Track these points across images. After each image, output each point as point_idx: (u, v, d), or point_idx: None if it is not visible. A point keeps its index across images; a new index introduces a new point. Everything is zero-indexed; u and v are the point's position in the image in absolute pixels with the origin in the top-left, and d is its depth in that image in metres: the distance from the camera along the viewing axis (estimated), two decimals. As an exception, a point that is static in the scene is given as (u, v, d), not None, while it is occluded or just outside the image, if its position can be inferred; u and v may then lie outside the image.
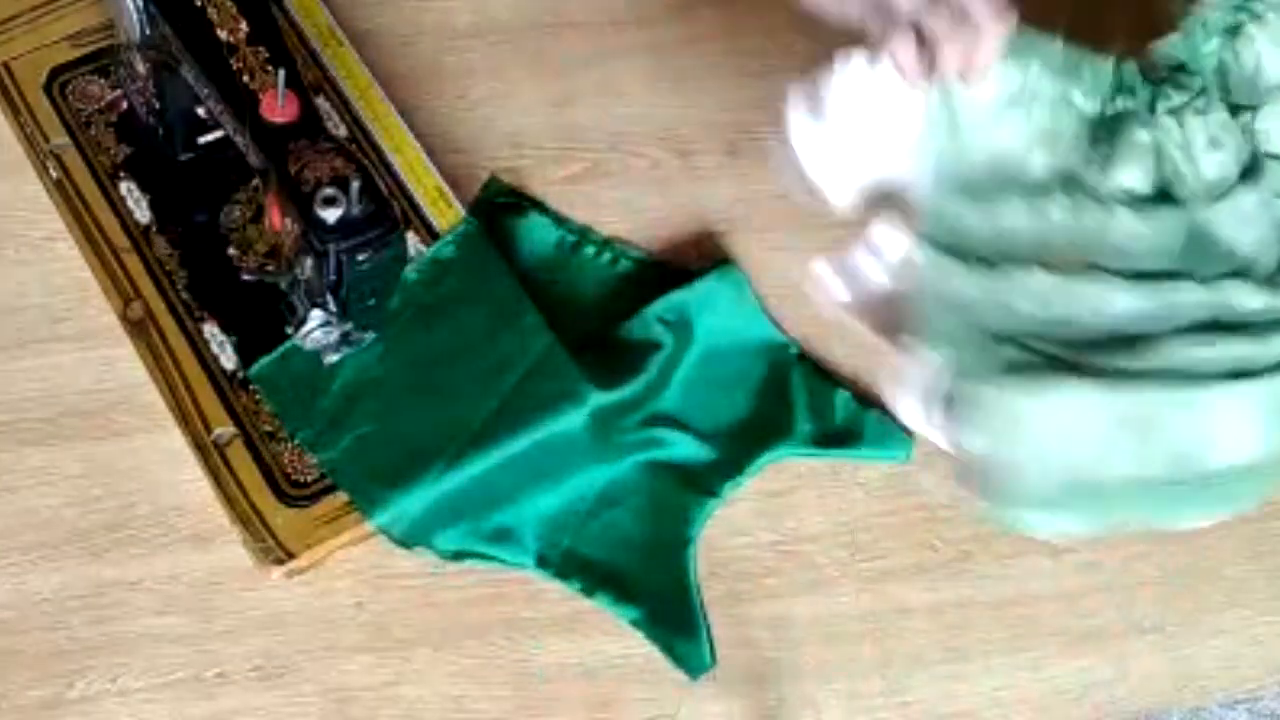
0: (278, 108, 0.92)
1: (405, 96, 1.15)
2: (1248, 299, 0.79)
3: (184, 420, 1.01)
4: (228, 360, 1.03)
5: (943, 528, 1.03)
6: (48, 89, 1.13)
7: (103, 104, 1.13)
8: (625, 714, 0.96)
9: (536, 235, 1.11)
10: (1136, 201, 0.81)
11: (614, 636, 0.98)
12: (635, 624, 0.98)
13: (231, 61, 0.94)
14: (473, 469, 0.99)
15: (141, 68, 1.05)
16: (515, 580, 0.99)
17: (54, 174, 1.10)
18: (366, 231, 0.89)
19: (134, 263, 1.06)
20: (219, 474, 0.99)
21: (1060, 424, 0.77)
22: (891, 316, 0.82)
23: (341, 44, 1.16)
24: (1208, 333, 0.78)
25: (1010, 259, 0.80)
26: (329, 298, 0.95)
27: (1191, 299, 0.78)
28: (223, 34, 0.95)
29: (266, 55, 0.94)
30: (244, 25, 0.95)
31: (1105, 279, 0.79)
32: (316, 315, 0.97)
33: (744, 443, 1.03)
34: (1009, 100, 0.81)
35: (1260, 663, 1.00)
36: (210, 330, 1.04)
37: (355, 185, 0.88)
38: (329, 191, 0.88)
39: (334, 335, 0.98)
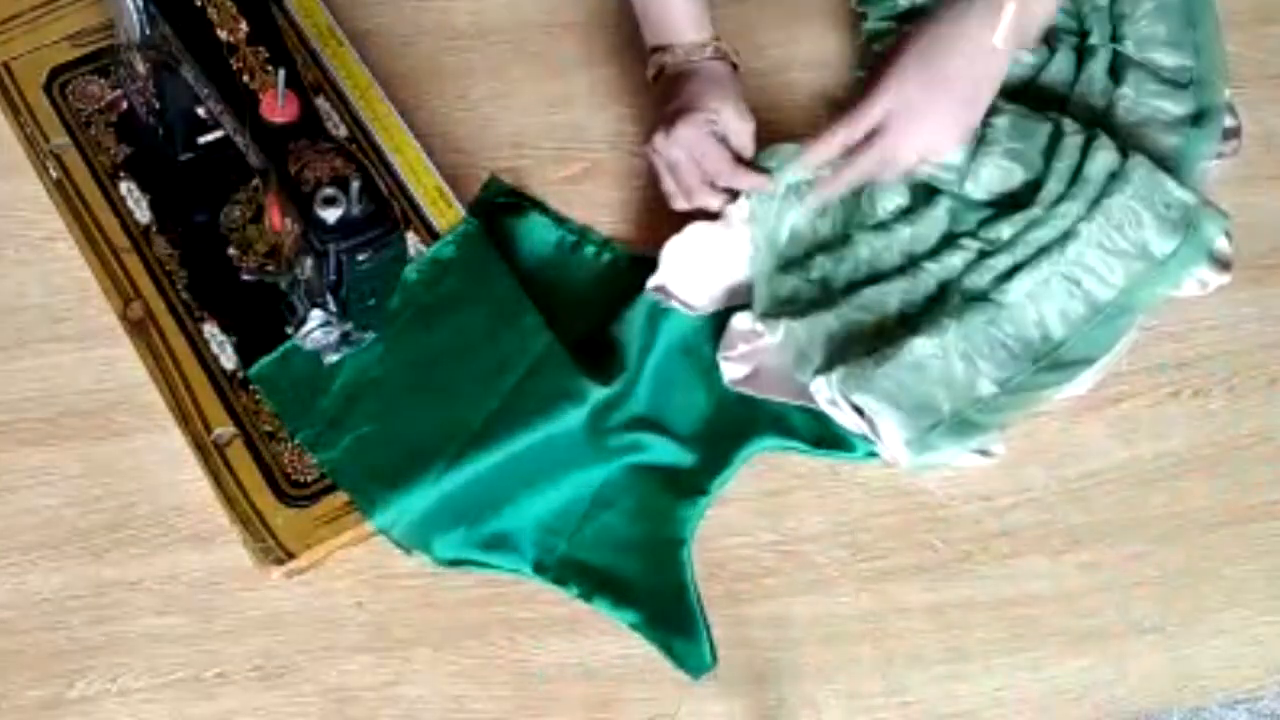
0: (278, 108, 0.92)
1: (405, 96, 1.15)
2: (998, 230, 1.06)
3: (184, 420, 1.01)
4: (228, 360, 1.03)
5: (943, 528, 1.03)
6: (48, 89, 1.13)
7: (103, 104, 1.13)
8: (625, 714, 0.96)
9: (536, 235, 1.11)
10: (905, 213, 1.09)
11: (614, 636, 0.98)
12: (635, 627, 0.98)
13: (231, 61, 0.94)
14: (473, 469, 0.99)
15: (141, 68, 1.05)
16: (515, 580, 0.99)
17: (54, 174, 1.10)
18: (366, 231, 0.89)
19: (134, 263, 1.06)
20: (219, 474, 0.99)
21: (925, 373, 1.01)
22: (780, 377, 1.04)
23: (341, 44, 1.16)
24: (983, 259, 1.05)
25: (830, 294, 1.06)
26: (329, 298, 0.95)
27: (970, 248, 1.06)
28: (223, 34, 0.95)
29: (266, 55, 0.94)
30: (244, 25, 0.95)
31: (909, 271, 1.06)
32: (316, 315, 0.97)
33: (723, 438, 1.03)
34: (783, 196, 1.08)
35: (1260, 663, 1.00)
36: (210, 330, 1.04)
37: (355, 185, 0.88)
38: (329, 191, 0.88)
39: (334, 335, 0.98)
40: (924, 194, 1.10)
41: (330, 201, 0.88)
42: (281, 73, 0.91)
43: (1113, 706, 0.98)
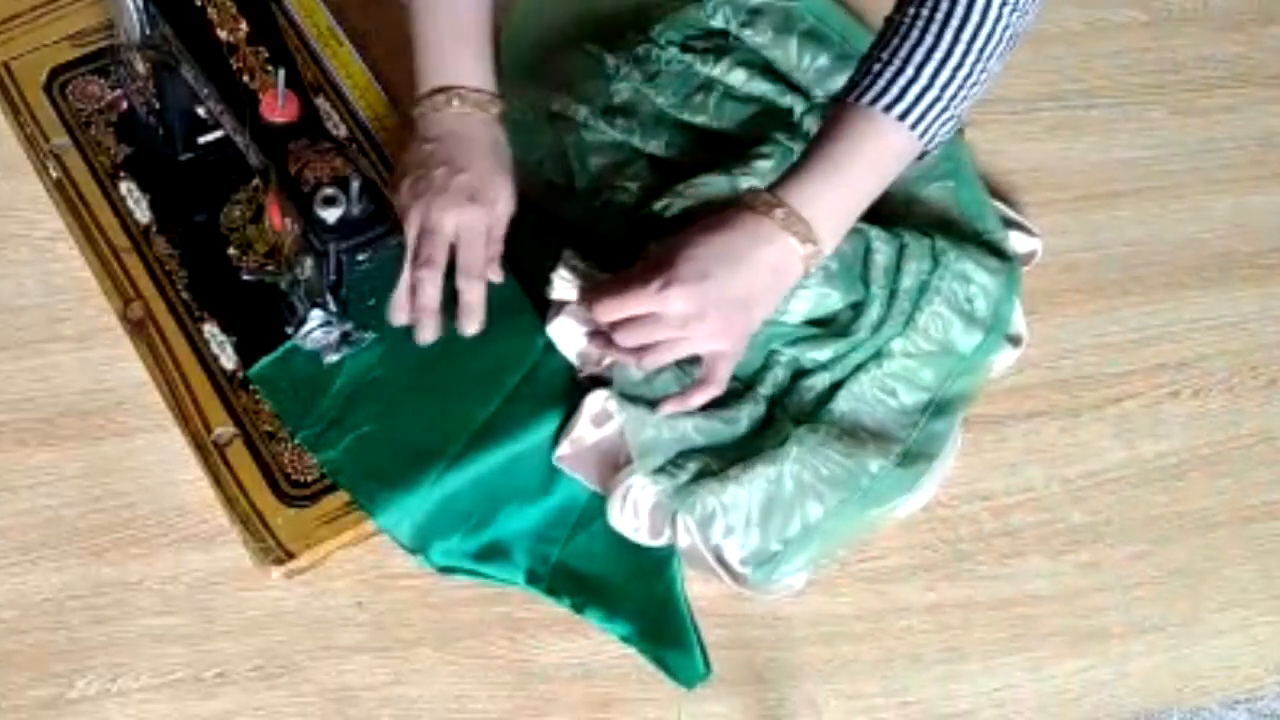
0: (278, 108, 0.92)
1: (405, 96, 1.15)
2: (819, 353, 1.04)
3: (184, 420, 1.01)
4: (228, 360, 1.03)
5: (943, 528, 1.03)
6: (48, 89, 1.13)
7: (103, 104, 1.13)
8: (625, 714, 0.96)
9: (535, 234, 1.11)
10: None
11: (613, 637, 0.98)
12: (626, 640, 0.97)
13: (231, 61, 0.94)
14: (472, 470, 0.99)
15: (141, 68, 1.05)
16: (515, 580, 0.99)
17: (54, 174, 1.10)
18: (366, 231, 0.90)
19: (134, 263, 1.06)
20: (219, 474, 0.99)
21: (759, 498, 0.98)
22: (613, 463, 1.00)
23: (341, 44, 1.16)
24: (801, 379, 1.04)
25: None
26: (329, 298, 0.95)
27: (788, 366, 1.04)
28: (223, 34, 0.95)
29: (266, 55, 0.94)
30: (244, 25, 0.95)
31: (744, 394, 1.03)
32: (316, 315, 0.97)
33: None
34: None
35: (1260, 663, 1.01)
36: (210, 330, 1.04)
37: (355, 185, 0.88)
38: (329, 191, 0.89)
39: (334, 335, 0.98)
40: None
41: (330, 201, 0.88)
42: (281, 73, 0.91)
43: (1113, 706, 0.98)
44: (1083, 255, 1.15)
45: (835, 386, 1.03)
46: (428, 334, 0.98)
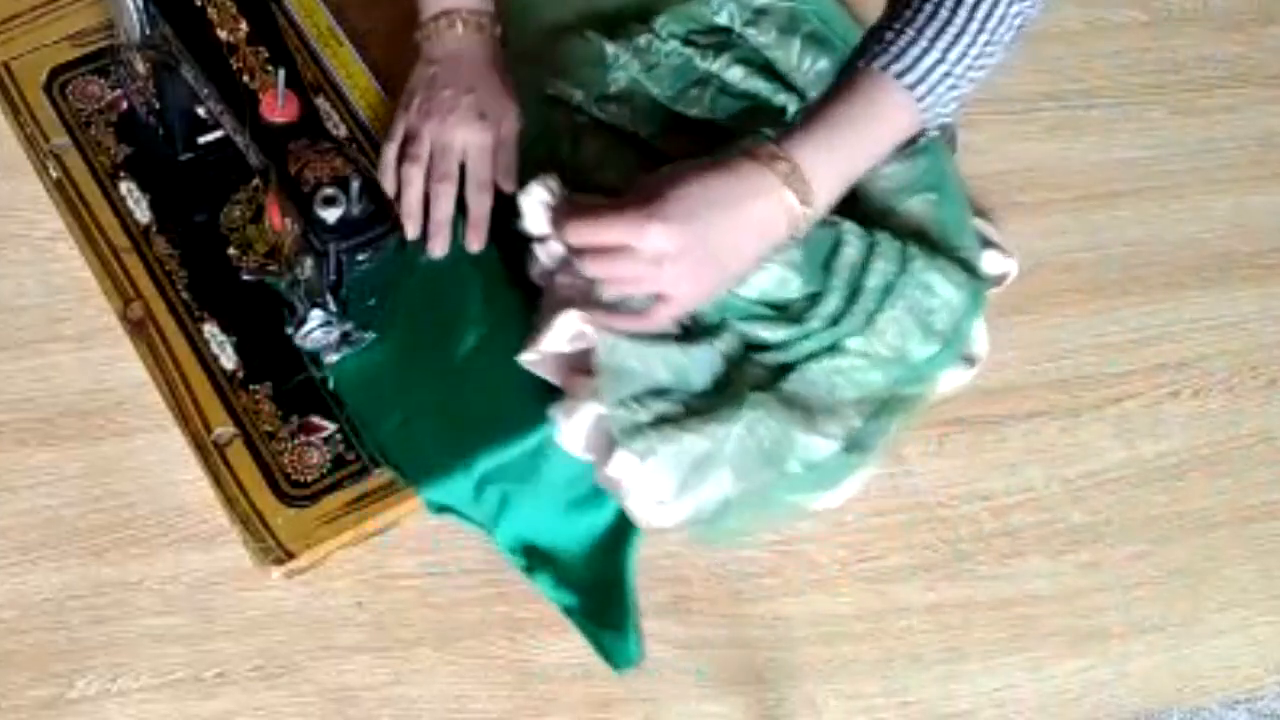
0: (278, 108, 0.92)
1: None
2: (771, 333, 1.01)
3: (184, 420, 1.01)
4: (228, 360, 1.03)
5: (943, 528, 1.03)
6: (48, 89, 1.13)
7: (103, 104, 1.13)
8: (624, 714, 0.96)
9: None
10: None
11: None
12: (568, 611, 0.98)
13: (231, 61, 0.94)
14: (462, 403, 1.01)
15: (141, 68, 1.05)
16: (515, 580, 0.99)
17: (54, 174, 1.10)
18: (366, 231, 0.90)
19: (134, 263, 1.06)
20: (219, 474, 0.99)
21: (697, 451, 0.96)
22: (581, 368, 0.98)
23: (341, 44, 1.16)
24: (749, 354, 1.02)
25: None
26: (329, 298, 0.95)
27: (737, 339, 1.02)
28: (223, 34, 0.95)
29: (266, 55, 0.94)
30: (244, 25, 0.95)
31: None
32: (316, 315, 0.97)
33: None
34: None
35: (1260, 663, 1.01)
36: (210, 330, 1.04)
37: (355, 185, 0.88)
38: (329, 191, 0.89)
39: (334, 335, 0.98)
40: None
41: (330, 201, 0.88)
42: (281, 73, 0.91)
43: (1113, 706, 0.98)
44: (1083, 255, 1.15)
45: (786, 368, 1.01)
46: (439, 247, 1.03)
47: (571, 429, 0.97)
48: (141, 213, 1.08)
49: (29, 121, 1.12)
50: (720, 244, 0.92)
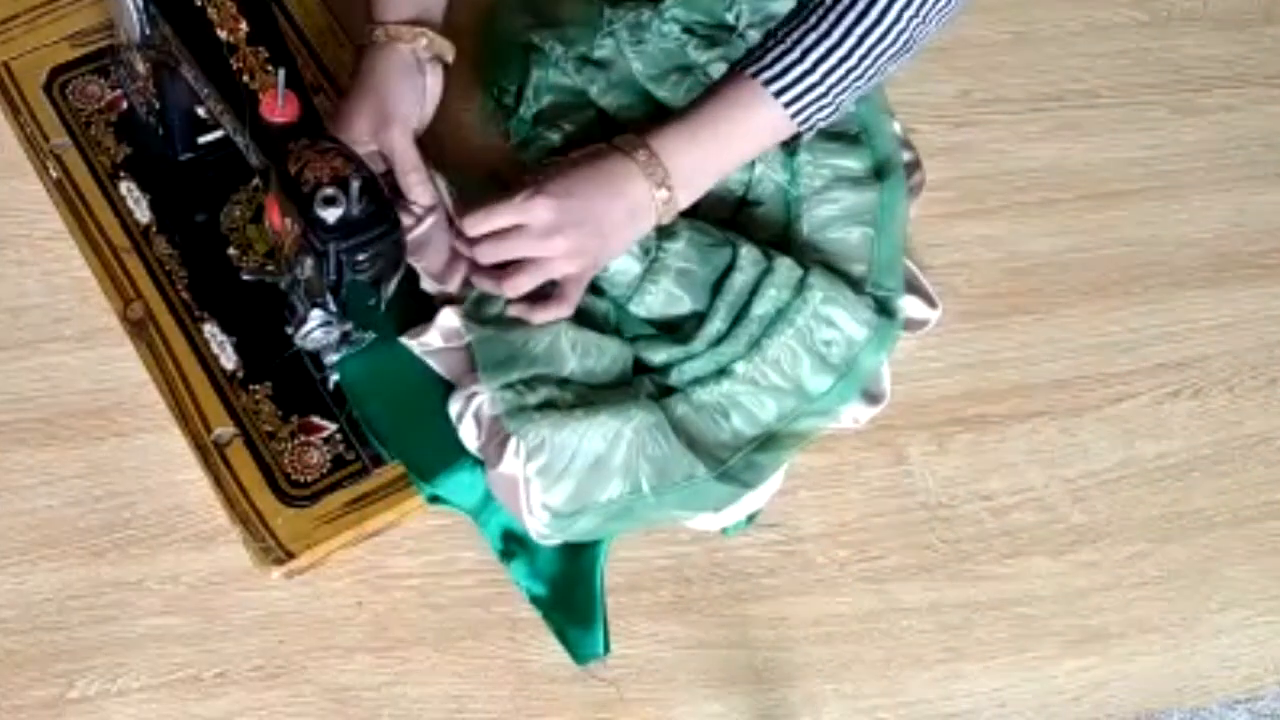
0: (278, 108, 0.92)
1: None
2: (654, 355, 1.03)
3: (184, 420, 1.01)
4: (228, 360, 1.03)
5: (943, 528, 1.03)
6: (48, 89, 1.13)
7: (103, 104, 1.13)
8: (625, 714, 0.96)
9: None
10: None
11: (612, 637, 0.98)
12: (536, 602, 0.98)
13: (231, 61, 0.94)
14: None
15: (141, 68, 1.05)
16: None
17: (54, 174, 1.10)
18: (366, 231, 0.89)
19: (134, 263, 1.06)
20: (219, 474, 0.99)
21: (589, 453, 0.97)
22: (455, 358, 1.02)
23: (341, 44, 1.16)
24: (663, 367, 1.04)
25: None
26: (329, 298, 0.95)
27: (659, 353, 1.04)
28: (223, 34, 0.95)
29: (266, 55, 0.94)
30: (244, 25, 0.95)
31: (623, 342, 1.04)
32: (316, 315, 0.97)
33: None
34: None
35: (1260, 663, 1.01)
36: (210, 330, 1.04)
37: (355, 185, 0.88)
38: (329, 191, 0.88)
39: (334, 335, 0.98)
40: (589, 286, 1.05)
41: (330, 201, 0.88)
42: (281, 73, 0.91)
43: (1113, 706, 0.98)
44: (1083, 255, 1.15)
45: (671, 390, 1.02)
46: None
47: (467, 423, 0.99)
48: (141, 213, 1.08)
49: (29, 121, 1.12)
50: (599, 216, 1.00)
